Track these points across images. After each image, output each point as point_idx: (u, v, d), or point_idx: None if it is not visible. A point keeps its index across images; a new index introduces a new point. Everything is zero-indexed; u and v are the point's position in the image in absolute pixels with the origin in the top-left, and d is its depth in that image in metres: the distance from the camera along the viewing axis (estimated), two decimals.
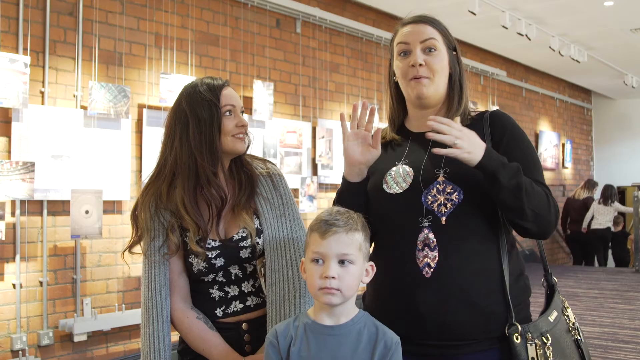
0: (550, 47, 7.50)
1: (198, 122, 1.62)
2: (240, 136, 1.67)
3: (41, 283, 3.87)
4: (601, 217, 9.16)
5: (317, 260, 1.35)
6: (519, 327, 1.47)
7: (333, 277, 1.32)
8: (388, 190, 1.56)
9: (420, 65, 1.56)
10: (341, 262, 1.34)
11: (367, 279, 1.42)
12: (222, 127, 1.64)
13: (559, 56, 7.84)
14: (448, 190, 1.49)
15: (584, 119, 11.88)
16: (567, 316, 1.63)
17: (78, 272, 4.04)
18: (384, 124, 1.78)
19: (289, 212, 1.74)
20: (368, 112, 1.56)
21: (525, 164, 1.51)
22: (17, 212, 3.77)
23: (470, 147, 1.42)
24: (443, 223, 1.48)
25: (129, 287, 4.33)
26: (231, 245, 1.66)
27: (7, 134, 3.76)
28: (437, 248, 1.48)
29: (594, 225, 9.18)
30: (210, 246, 1.64)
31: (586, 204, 9.37)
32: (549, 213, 1.48)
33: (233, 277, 1.69)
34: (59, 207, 3.98)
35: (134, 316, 4.21)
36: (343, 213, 1.39)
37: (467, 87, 1.64)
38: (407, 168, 1.57)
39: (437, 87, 1.58)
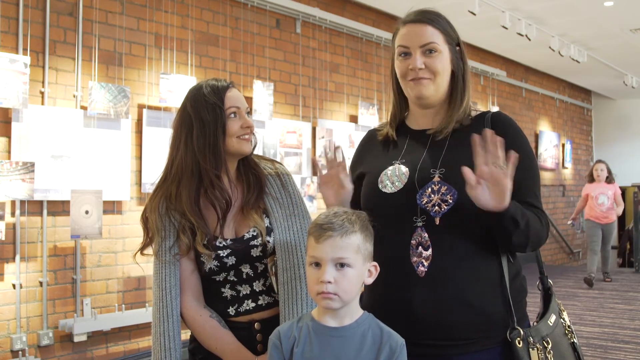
0: (550, 47, 7.50)
1: (202, 125, 1.63)
2: (245, 137, 1.68)
3: (41, 283, 3.87)
4: None
5: (314, 264, 1.35)
6: (521, 332, 1.46)
7: (329, 282, 1.31)
8: (383, 190, 1.56)
9: (420, 69, 1.55)
10: (338, 265, 1.32)
11: (370, 280, 1.39)
12: (227, 129, 1.64)
13: (558, 56, 7.83)
14: (443, 191, 1.48)
15: (584, 119, 11.88)
16: (564, 319, 1.64)
17: (78, 272, 4.03)
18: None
19: (299, 211, 1.75)
20: (335, 150, 1.59)
21: (523, 175, 1.50)
22: (17, 212, 3.76)
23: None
24: (437, 223, 1.47)
25: (129, 287, 4.33)
26: (242, 244, 1.67)
27: (7, 134, 3.75)
28: (430, 247, 1.47)
29: None
30: (221, 245, 1.65)
31: None
32: (543, 236, 1.53)
33: (244, 276, 1.70)
34: (59, 207, 3.98)
35: (133, 316, 4.21)
36: (340, 215, 1.36)
37: (470, 84, 1.62)
38: (403, 168, 1.57)
39: (437, 87, 1.57)
